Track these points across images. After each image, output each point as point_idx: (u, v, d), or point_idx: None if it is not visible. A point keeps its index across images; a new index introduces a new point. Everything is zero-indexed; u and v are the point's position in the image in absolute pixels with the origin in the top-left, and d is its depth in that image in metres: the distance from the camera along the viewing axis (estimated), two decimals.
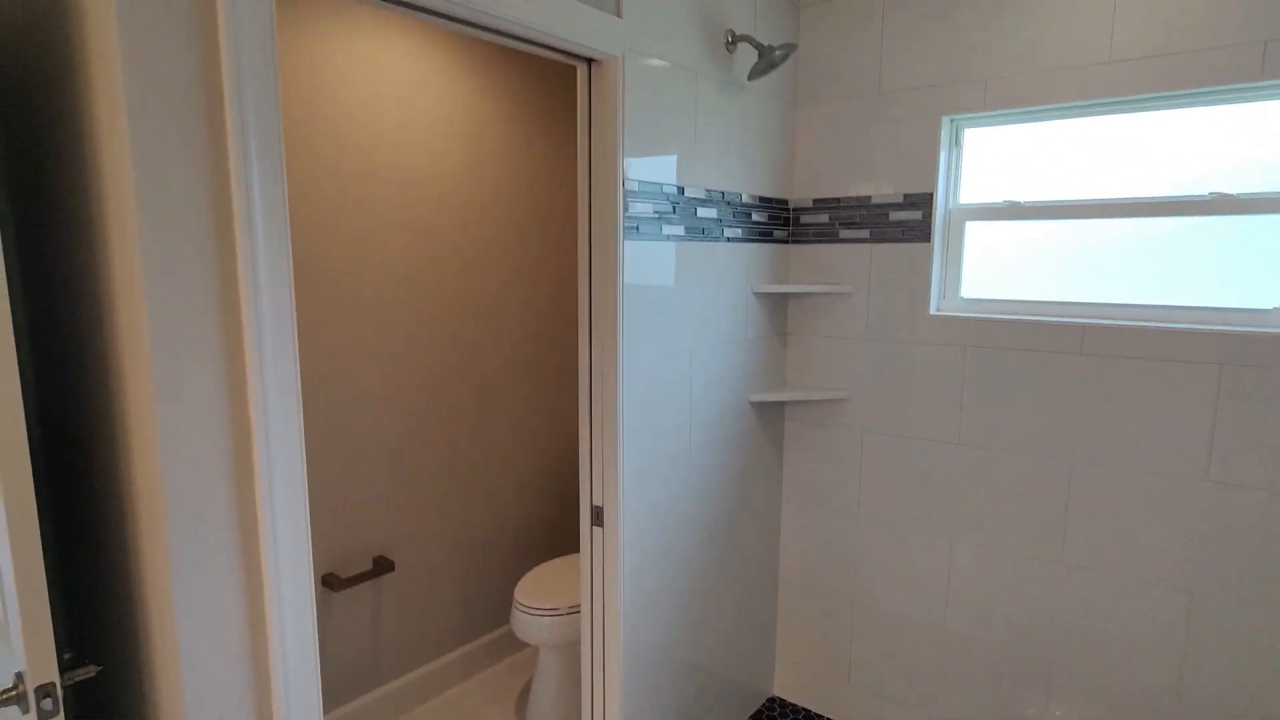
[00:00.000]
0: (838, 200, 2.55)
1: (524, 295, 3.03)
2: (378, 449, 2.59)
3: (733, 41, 2.21)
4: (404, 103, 2.52)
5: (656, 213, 2.07)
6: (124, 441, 1.26)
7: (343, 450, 2.48)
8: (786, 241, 2.66)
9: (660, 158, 2.06)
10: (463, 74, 2.69)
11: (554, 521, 3.32)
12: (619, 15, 1.88)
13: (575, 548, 3.42)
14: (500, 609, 3.13)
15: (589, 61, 1.92)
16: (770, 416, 2.69)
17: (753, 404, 2.58)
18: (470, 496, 2.94)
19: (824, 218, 2.59)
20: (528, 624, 2.57)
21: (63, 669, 1.28)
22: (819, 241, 2.62)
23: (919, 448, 2.47)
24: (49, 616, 1.17)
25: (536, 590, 2.64)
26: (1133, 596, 2.14)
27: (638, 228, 2.01)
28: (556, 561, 2.86)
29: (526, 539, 3.20)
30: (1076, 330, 2.15)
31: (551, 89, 3.03)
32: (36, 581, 1.15)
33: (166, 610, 1.21)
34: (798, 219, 2.65)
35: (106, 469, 1.34)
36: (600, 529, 2.14)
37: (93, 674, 1.26)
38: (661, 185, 2.08)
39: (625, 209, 1.96)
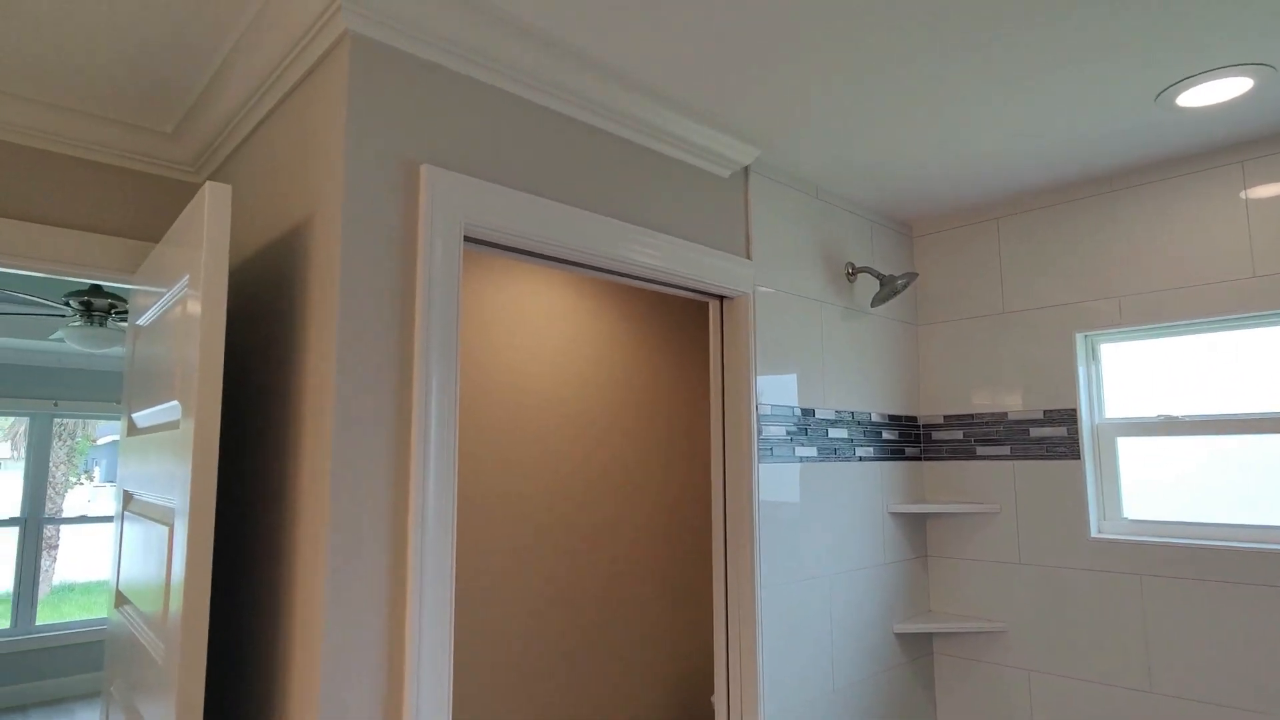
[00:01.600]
0: (971, 417, 2.49)
1: (649, 508, 3.02)
2: (496, 663, 2.50)
3: (853, 272, 2.33)
4: (542, 332, 2.74)
5: (788, 435, 2.08)
6: (287, 634, 1.27)
7: (461, 661, 2.41)
8: (919, 459, 2.58)
9: (790, 383, 2.11)
10: (592, 306, 2.92)
11: None
12: (748, 257, 2.03)
13: None
14: None
15: (720, 298, 2.06)
16: (918, 650, 2.44)
17: (898, 635, 2.36)
18: (593, 713, 2.74)
19: (958, 434, 2.52)
20: None
21: None
22: (954, 458, 2.52)
23: (1102, 694, 2.15)
24: None
25: None
26: None
27: (771, 450, 2.01)
28: None
29: None
30: (1277, 559, 1.91)
31: (674, 316, 3.23)
32: None
33: None
34: (929, 435, 2.59)
35: (266, 664, 1.35)
36: None
37: None
38: (793, 408, 2.10)
39: (759, 433, 1.98)
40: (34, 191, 1.82)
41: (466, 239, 1.44)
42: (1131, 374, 2.27)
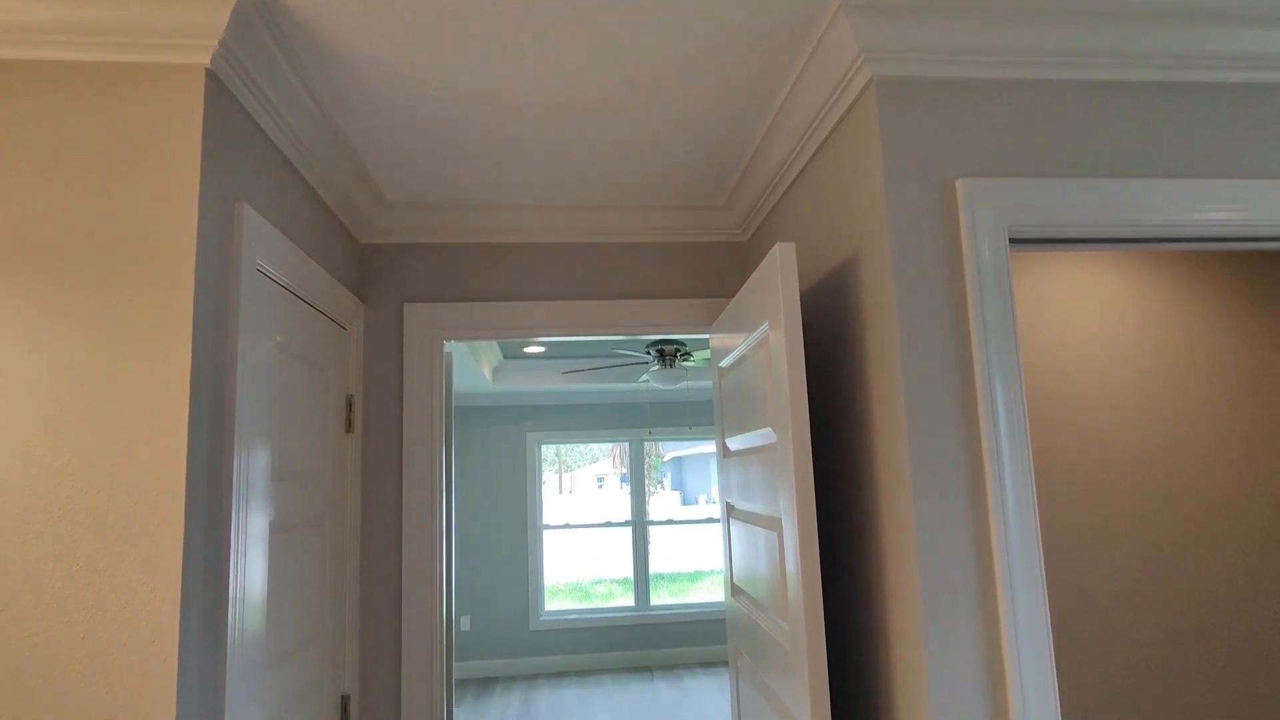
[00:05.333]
0: None
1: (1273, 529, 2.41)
2: (1083, 690, 2.27)
3: None
4: (1094, 326, 2.45)
5: None
6: (884, 623, 1.40)
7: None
8: None
9: None
10: (1144, 287, 2.50)
11: None
12: None
13: None
14: None
15: None
16: None
17: None
18: None
19: None
20: None
21: None
22: None
23: None
24: None
25: None
26: None
27: None
28: None
29: None
30: None
31: (1241, 281, 2.55)
32: None
33: None
34: None
35: (871, 687, 1.50)
36: None
37: None
38: None
39: None
40: (639, 277, 2.39)
41: (1012, 241, 1.41)
42: None
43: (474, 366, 5.01)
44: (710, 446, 8.43)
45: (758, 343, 1.66)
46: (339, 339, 2.05)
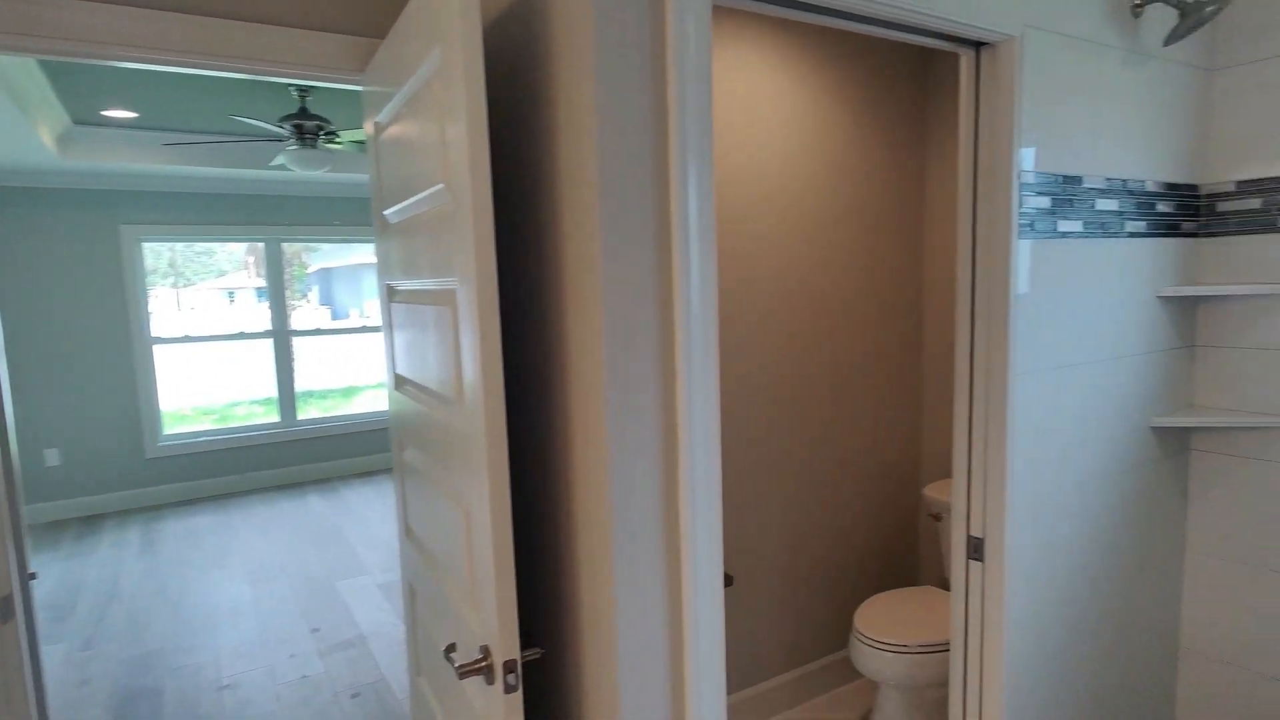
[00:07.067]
0: (1276, 180, 2.07)
1: (875, 299, 2.90)
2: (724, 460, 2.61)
3: (1140, 4, 1.90)
4: (745, 115, 2.55)
5: (1052, 208, 1.83)
6: (568, 441, 1.35)
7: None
8: (1196, 235, 2.22)
9: (1056, 145, 1.82)
10: (797, 80, 2.66)
11: (892, 549, 3.11)
12: None
13: (914, 580, 3.19)
14: (833, 635, 2.99)
15: (977, 45, 1.76)
16: (1174, 446, 2.25)
17: (1154, 430, 2.17)
18: (809, 515, 2.85)
19: (1254, 204, 2.12)
20: (871, 658, 2.40)
21: None
22: (1243, 232, 2.14)
23: None
24: (515, 605, 1.28)
25: (880, 622, 2.47)
26: None
27: (1032, 225, 1.79)
28: (899, 593, 2.66)
29: (865, 564, 3.04)
30: None
31: (888, 80, 2.89)
32: (506, 575, 1.27)
33: (607, 608, 1.27)
34: (1212, 207, 2.20)
35: (552, 470, 1.46)
36: (980, 564, 1.92)
37: (537, 656, 1.36)
38: (1059, 176, 1.83)
39: (1019, 205, 1.75)
40: None
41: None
42: None
43: (27, 128, 3.71)
44: (366, 254, 7.76)
45: (428, 78, 1.35)
46: None
